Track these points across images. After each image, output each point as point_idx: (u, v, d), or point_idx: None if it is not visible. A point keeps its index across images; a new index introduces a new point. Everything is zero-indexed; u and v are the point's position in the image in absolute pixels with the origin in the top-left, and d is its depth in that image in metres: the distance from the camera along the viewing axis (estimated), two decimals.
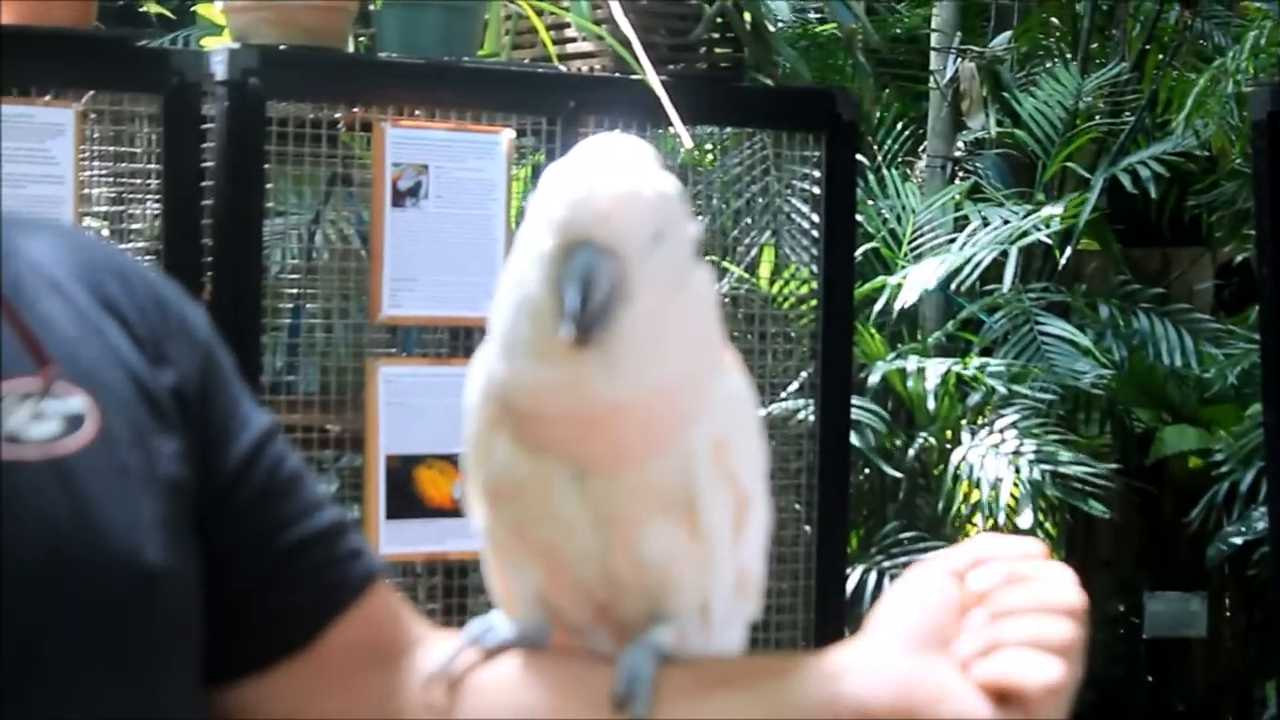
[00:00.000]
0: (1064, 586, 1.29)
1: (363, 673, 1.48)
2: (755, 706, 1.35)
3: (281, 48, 3.49)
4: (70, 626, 1.30)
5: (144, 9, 5.18)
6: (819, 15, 7.52)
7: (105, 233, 3.60)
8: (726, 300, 4.19)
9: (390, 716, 1.47)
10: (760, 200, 4.21)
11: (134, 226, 3.57)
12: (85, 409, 1.35)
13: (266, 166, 3.48)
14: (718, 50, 3.88)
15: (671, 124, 3.59)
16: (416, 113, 3.68)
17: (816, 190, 4.08)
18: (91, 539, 1.31)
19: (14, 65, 3.31)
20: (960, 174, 7.84)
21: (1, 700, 1.29)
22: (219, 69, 3.44)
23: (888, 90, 8.03)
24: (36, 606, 1.29)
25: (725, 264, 4.26)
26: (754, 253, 4.30)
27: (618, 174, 1.34)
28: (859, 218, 5.93)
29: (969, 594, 1.29)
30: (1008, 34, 8.26)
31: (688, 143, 3.69)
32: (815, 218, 4.12)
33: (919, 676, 1.27)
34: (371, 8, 3.77)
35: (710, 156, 4.30)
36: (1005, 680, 1.23)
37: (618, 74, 3.72)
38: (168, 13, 4.13)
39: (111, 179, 3.59)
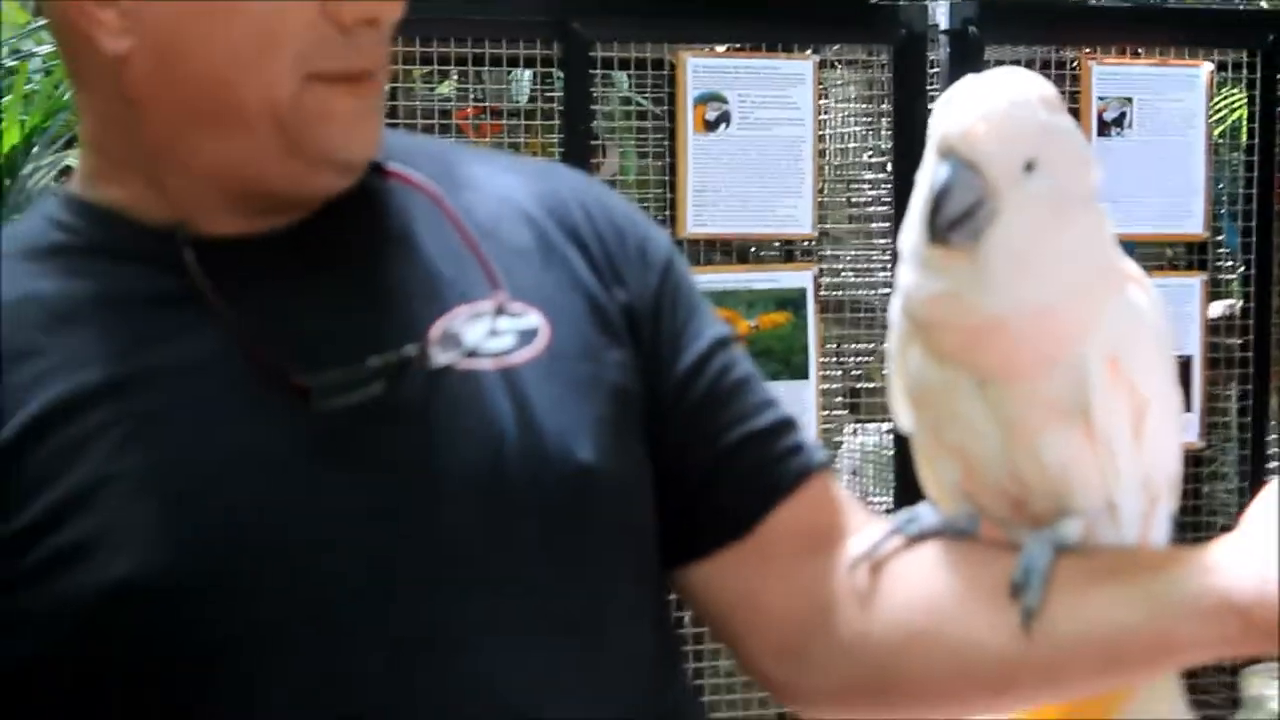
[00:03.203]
0: None
1: (801, 559, 1.47)
2: (1134, 596, 1.32)
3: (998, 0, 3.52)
4: (509, 517, 1.34)
5: None
6: None
7: (854, 166, 3.72)
8: None
9: (823, 599, 1.45)
10: None
11: (873, 160, 3.68)
12: (538, 325, 1.40)
13: None
14: None
15: None
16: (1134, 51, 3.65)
17: None
18: (532, 440, 1.35)
19: (767, 25, 3.51)
20: None
21: (443, 579, 1.32)
22: (942, 20, 3.50)
23: None
24: (481, 499, 1.34)
25: None
26: None
27: (996, 97, 1.33)
28: None
29: None
30: None
31: None
32: None
33: None
34: None
35: None
36: None
37: None
38: None
39: (856, 119, 3.71)
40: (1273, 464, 3.72)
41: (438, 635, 1.30)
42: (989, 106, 1.32)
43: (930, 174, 1.33)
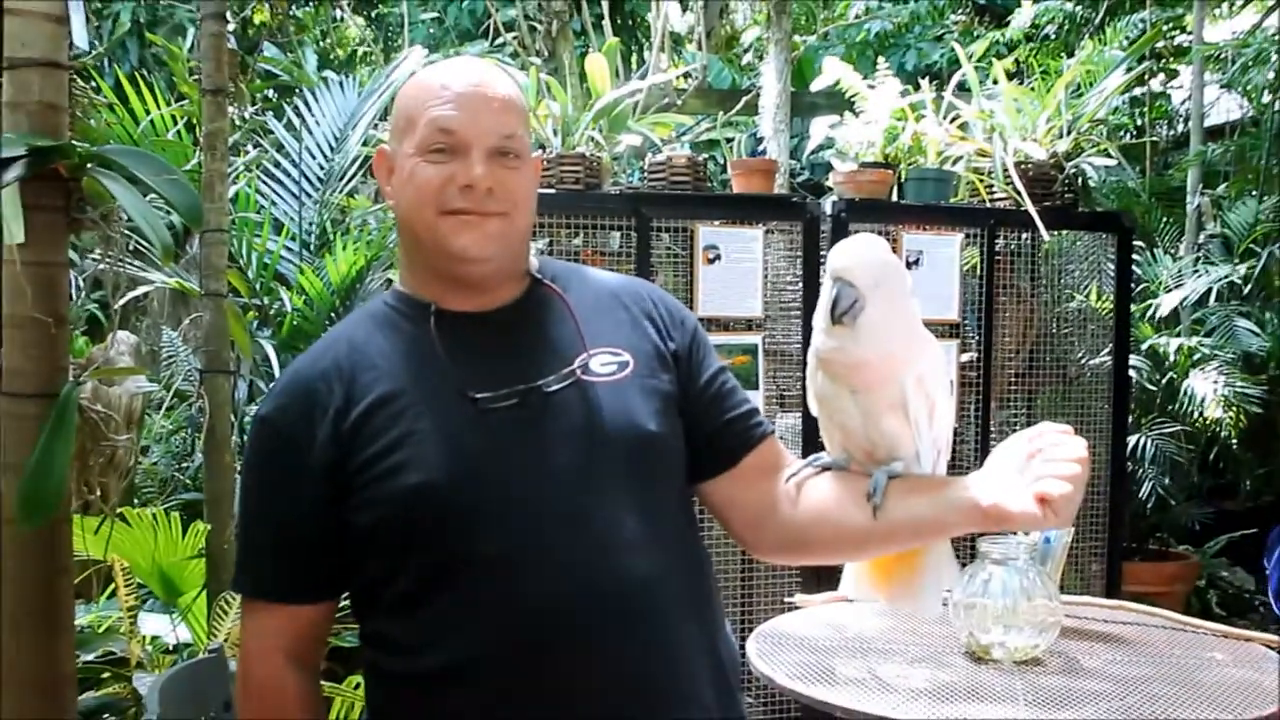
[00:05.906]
0: (1079, 448, 1.20)
1: (761, 479, 1.42)
2: (928, 501, 1.30)
3: (856, 198, 3.50)
4: (616, 462, 1.30)
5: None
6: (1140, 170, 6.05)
7: (781, 282, 3.56)
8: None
9: (772, 499, 1.40)
10: (1081, 265, 3.86)
11: (791, 280, 3.56)
12: (629, 360, 1.35)
13: None
14: (1067, 193, 3.67)
15: (1038, 230, 3.43)
16: (923, 227, 3.59)
17: (1112, 265, 3.81)
18: (626, 419, 1.32)
19: (740, 211, 3.47)
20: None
21: (575, 495, 1.27)
22: (828, 209, 3.49)
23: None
24: (603, 450, 1.30)
25: (1072, 296, 3.83)
26: (1082, 294, 3.88)
27: (859, 251, 1.31)
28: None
29: (1034, 449, 1.22)
30: None
31: (1046, 237, 3.52)
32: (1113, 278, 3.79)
33: (1005, 488, 1.21)
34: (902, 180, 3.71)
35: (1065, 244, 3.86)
36: (1043, 492, 1.17)
37: (1016, 206, 3.57)
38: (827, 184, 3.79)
39: (784, 259, 3.59)
40: (993, 436, 3.65)
41: (569, 515, 1.27)
42: (858, 253, 1.31)
43: (828, 288, 1.32)
